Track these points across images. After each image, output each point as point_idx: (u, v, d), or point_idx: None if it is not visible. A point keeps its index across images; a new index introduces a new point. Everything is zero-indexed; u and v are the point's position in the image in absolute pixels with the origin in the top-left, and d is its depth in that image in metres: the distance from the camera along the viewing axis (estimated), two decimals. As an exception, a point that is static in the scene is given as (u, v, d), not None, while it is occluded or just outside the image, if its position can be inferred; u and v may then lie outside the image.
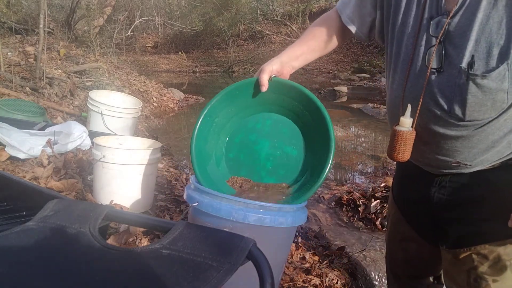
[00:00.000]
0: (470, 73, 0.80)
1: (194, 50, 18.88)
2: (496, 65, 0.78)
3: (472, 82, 0.80)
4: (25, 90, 4.21)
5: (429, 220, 1.08)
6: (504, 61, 0.77)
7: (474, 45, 0.80)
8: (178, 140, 5.15)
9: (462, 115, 0.84)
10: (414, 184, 1.11)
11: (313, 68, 15.05)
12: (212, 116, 1.15)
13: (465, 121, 0.85)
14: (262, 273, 0.59)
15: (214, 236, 0.66)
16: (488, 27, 0.78)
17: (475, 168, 0.94)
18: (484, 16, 0.79)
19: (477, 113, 0.83)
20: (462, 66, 0.81)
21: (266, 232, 1.14)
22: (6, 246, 0.64)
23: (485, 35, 0.79)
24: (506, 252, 0.92)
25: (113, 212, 0.77)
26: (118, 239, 1.68)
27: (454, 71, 0.83)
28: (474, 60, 0.79)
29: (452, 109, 0.85)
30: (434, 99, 0.88)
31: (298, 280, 1.68)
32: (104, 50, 7.91)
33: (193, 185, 1.22)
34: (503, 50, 0.77)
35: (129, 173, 2.04)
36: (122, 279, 0.59)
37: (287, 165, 1.11)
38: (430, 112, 0.89)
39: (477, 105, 0.82)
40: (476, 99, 0.81)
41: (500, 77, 0.78)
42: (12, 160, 2.40)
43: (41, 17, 4.49)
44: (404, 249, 1.25)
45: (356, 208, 2.76)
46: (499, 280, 0.94)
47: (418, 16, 0.90)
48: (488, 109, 0.82)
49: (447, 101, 0.85)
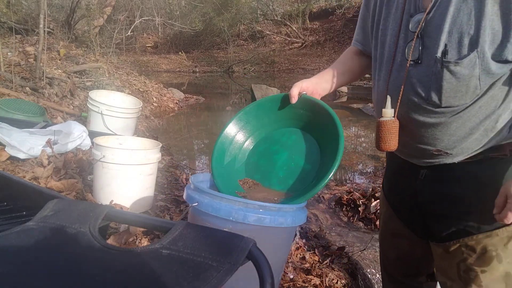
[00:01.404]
0: (444, 60, 0.87)
1: (194, 50, 18.88)
2: (467, 53, 0.85)
3: (446, 69, 0.87)
4: (25, 90, 4.21)
5: (418, 213, 1.11)
6: (474, 49, 0.84)
7: (447, 36, 0.87)
8: (178, 140, 5.16)
9: (438, 101, 0.91)
10: (402, 179, 1.15)
11: (313, 68, 15.06)
12: (243, 120, 1.23)
13: (442, 107, 0.91)
14: (262, 273, 0.59)
15: (214, 236, 0.66)
16: (459, 19, 0.85)
17: (456, 158, 0.98)
18: (455, 9, 0.86)
19: (452, 99, 0.89)
20: (437, 55, 0.88)
21: (266, 232, 1.14)
22: (6, 246, 0.64)
23: (456, 26, 0.86)
24: (492, 242, 0.96)
25: (113, 212, 0.77)
26: (118, 239, 1.68)
27: (431, 61, 0.90)
28: (447, 49, 0.87)
29: (429, 96, 0.92)
30: (413, 89, 0.94)
31: (298, 280, 1.68)
32: (104, 50, 7.92)
33: (193, 185, 1.22)
34: (473, 39, 0.84)
35: (129, 173, 2.04)
36: (122, 279, 0.59)
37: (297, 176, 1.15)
38: (410, 101, 0.96)
39: (452, 91, 0.88)
40: (451, 86, 0.88)
41: (472, 64, 0.84)
42: (12, 160, 2.40)
43: (41, 17, 4.49)
44: (396, 246, 1.27)
45: (356, 208, 2.76)
46: (487, 271, 0.98)
47: (398, 17, 0.99)
48: (463, 95, 0.88)
49: (424, 89, 0.92)
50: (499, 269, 0.97)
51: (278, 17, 18.76)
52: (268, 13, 19.47)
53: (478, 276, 0.99)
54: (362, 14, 1.16)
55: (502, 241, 0.96)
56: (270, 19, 19.33)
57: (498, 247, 0.96)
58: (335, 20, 17.36)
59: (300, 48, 17.49)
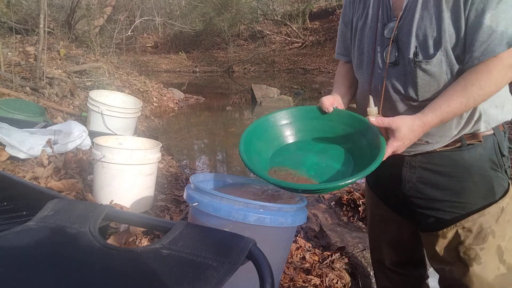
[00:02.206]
0: (416, 60, 0.99)
1: (194, 50, 18.88)
2: (433, 52, 0.98)
3: (419, 68, 1.00)
4: (25, 90, 4.21)
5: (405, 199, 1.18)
6: (439, 49, 0.97)
7: (415, 39, 1.00)
8: (178, 140, 5.16)
9: (415, 96, 1.03)
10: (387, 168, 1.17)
11: (313, 68, 15.06)
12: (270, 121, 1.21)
13: (419, 101, 1.04)
14: (262, 273, 0.59)
15: (214, 236, 0.66)
16: (423, 24, 0.99)
17: (436, 145, 1.08)
18: (420, 16, 0.99)
19: (427, 93, 1.02)
20: (410, 56, 1.01)
21: (266, 232, 1.14)
22: (6, 246, 0.64)
23: (421, 30, 0.99)
24: (486, 220, 1.05)
25: (113, 212, 0.77)
26: (118, 239, 1.68)
27: (405, 61, 1.03)
28: (418, 51, 1.00)
29: (407, 92, 1.04)
30: (393, 87, 1.07)
31: (298, 280, 1.68)
32: (104, 50, 7.92)
33: (193, 185, 1.22)
34: (436, 41, 0.97)
35: (129, 173, 2.04)
36: (122, 279, 0.59)
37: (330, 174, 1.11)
38: (391, 98, 1.08)
39: (426, 86, 1.01)
40: (424, 82, 1.01)
41: (439, 62, 0.97)
42: (12, 160, 2.40)
43: (41, 17, 4.49)
44: (385, 231, 1.33)
45: (356, 208, 2.76)
46: (485, 247, 1.05)
47: (374, 26, 1.12)
48: (435, 89, 1.01)
49: (403, 86, 1.05)
50: (494, 244, 1.05)
51: (278, 17, 18.76)
52: (268, 13, 19.46)
53: (478, 254, 1.06)
54: (341, 31, 1.28)
55: (494, 217, 1.05)
56: (270, 19, 19.33)
57: (491, 223, 1.05)
58: (335, 20, 17.34)
59: (300, 48, 17.49)
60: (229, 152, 4.81)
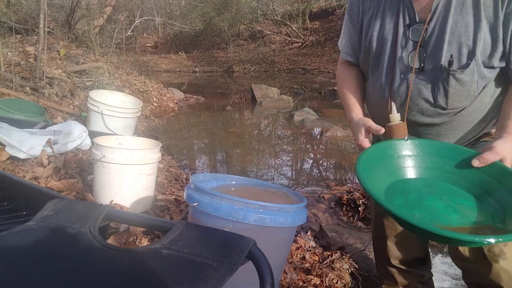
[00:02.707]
0: (450, 69, 0.97)
1: (194, 50, 18.87)
2: (467, 62, 0.96)
3: (452, 77, 0.98)
4: (25, 90, 4.21)
5: None
6: (472, 58, 0.95)
7: (448, 46, 0.97)
8: (178, 140, 5.16)
9: (445, 104, 1.02)
10: None
11: (313, 68, 15.05)
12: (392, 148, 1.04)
13: (447, 109, 1.03)
14: (262, 273, 0.59)
15: (214, 236, 0.66)
16: (457, 31, 0.96)
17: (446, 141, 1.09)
18: (453, 21, 0.96)
19: (456, 102, 1.01)
20: (442, 63, 0.98)
21: (266, 232, 1.14)
22: (6, 246, 0.64)
23: (455, 37, 0.96)
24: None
25: (113, 212, 0.77)
26: (118, 239, 1.68)
27: (435, 68, 1.00)
28: (453, 59, 0.97)
29: (436, 100, 1.02)
30: (420, 94, 1.04)
31: (298, 280, 1.68)
32: (104, 50, 7.92)
33: (193, 185, 1.22)
34: (470, 49, 0.95)
35: (129, 173, 2.04)
36: (122, 279, 0.59)
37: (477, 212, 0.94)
38: (417, 106, 1.05)
39: (456, 95, 1.00)
40: (456, 91, 0.99)
41: (472, 71, 0.97)
42: (12, 160, 2.39)
43: (41, 17, 4.49)
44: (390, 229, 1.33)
45: (356, 208, 2.75)
46: (509, 244, 1.09)
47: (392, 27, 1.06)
48: (465, 98, 1.01)
49: (431, 94, 1.02)
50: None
51: (278, 17, 18.75)
52: (268, 13, 19.45)
53: (503, 251, 1.09)
54: (348, 29, 1.22)
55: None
56: (270, 19, 19.32)
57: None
58: (335, 20, 17.34)
59: (300, 48, 17.48)
60: (229, 152, 4.81)
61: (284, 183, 3.66)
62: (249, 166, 4.20)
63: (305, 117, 6.18)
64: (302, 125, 5.98)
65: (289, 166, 4.38)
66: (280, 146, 5.15)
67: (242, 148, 4.93)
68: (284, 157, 4.66)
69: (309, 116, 6.22)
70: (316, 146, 5.06)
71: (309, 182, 3.65)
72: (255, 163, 4.38)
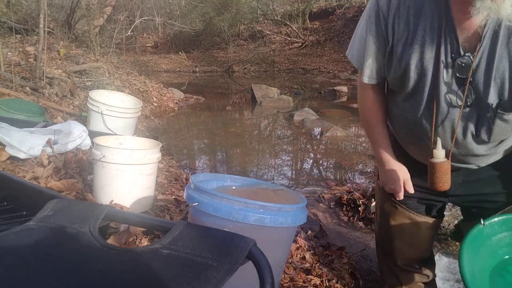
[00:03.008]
0: (498, 112, 0.95)
1: (194, 50, 18.87)
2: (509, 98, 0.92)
3: (499, 118, 0.96)
4: (25, 90, 4.21)
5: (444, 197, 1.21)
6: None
7: (494, 82, 0.92)
8: (178, 140, 5.16)
9: (487, 139, 1.02)
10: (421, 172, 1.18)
11: (313, 68, 15.05)
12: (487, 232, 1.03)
13: (489, 143, 1.04)
14: (262, 273, 0.59)
15: (214, 236, 0.66)
16: (502, 66, 0.90)
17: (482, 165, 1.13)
18: (499, 56, 0.90)
19: (499, 136, 1.02)
20: (490, 103, 0.95)
21: (266, 232, 1.14)
22: (6, 246, 0.64)
23: (499, 73, 0.91)
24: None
25: (113, 212, 0.77)
26: (118, 239, 1.68)
27: (482, 106, 0.97)
28: (503, 102, 0.93)
29: (479, 135, 1.02)
30: (465, 129, 1.02)
31: (298, 280, 1.68)
32: (104, 50, 7.91)
33: (193, 185, 1.22)
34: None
35: (129, 173, 2.04)
36: (122, 279, 0.59)
37: None
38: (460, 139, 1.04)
39: (500, 132, 1.00)
40: (500, 129, 0.99)
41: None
42: (12, 160, 2.39)
43: (41, 17, 4.49)
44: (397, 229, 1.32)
45: (356, 208, 2.75)
46: None
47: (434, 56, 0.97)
48: (507, 133, 1.02)
49: (475, 129, 1.01)
50: None
51: (278, 17, 18.74)
52: (268, 13, 19.45)
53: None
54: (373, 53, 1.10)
55: None
56: (270, 19, 19.31)
57: None
58: (335, 20, 17.34)
59: (300, 48, 17.48)
60: (229, 152, 4.81)
61: (284, 183, 3.66)
62: (249, 166, 4.20)
63: (305, 117, 6.18)
64: (302, 125, 5.98)
65: (289, 166, 4.38)
66: (280, 146, 5.15)
67: (242, 148, 4.93)
68: (284, 157, 4.66)
69: (309, 116, 6.22)
70: (316, 146, 5.06)
71: (309, 182, 3.65)
72: (255, 163, 4.38)
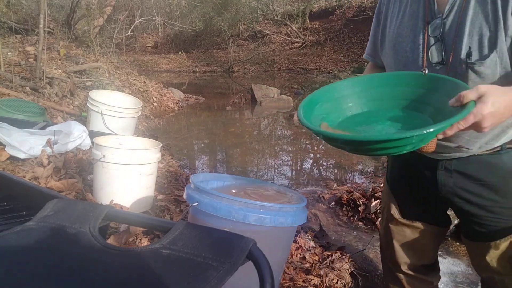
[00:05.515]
0: (469, 62, 0.92)
1: (194, 50, 18.88)
2: (488, 53, 0.91)
3: (471, 70, 0.93)
4: (25, 90, 4.21)
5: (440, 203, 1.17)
6: (494, 50, 0.90)
7: (468, 38, 0.93)
8: (178, 140, 5.16)
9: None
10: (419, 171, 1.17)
11: (313, 68, 15.05)
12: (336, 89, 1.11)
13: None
14: (262, 273, 0.59)
15: (214, 236, 0.66)
16: (478, 22, 0.91)
17: (474, 152, 1.03)
18: (474, 13, 0.92)
19: None
20: (461, 57, 0.93)
21: (266, 232, 1.14)
22: (6, 246, 0.64)
23: (476, 29, 0.92)
24: None
25: (113, 212, 0.77)
26: (118, 239, 1.68)
27: (455, 62, 0.95)
28: (471, 51, 0.92)
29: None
30: None
31: (298, 280, 1.68)
32: (104, 50, 7.91)
33: (193, 185, 1.22)
34: (491, 41, 0.90)
35: (129, 173, 2.04)
36: (122, 279, 0.59)
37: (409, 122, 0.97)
38: None
39: None
40: (475, 84, 0.89)
41: (493, 64, 0.91)
42: (12, 160, 2.40)
43: (41, 17, 4.49)
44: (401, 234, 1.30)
45: (356, 208, 2.75)
46: None
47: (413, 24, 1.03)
48: None
49: None
50: None
51: (278, 17, 18.75)
52: (268, 13, 19.45)
53: None
54: (374, 29, 1.19)
55: None
56: (270, 19, 19.31)
57: None
58: (335, 20, 17.34)
59: (300, 48, 17.48)
60: (229, 152, 4.81)
61: (284, 183, 3.66)
62: (249, 166, 4.20)
63: (305, 117, 6.17)
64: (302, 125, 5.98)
65: (289, 166, 4.38)
66: (280, 146, 5.15)
67: (242, 148, 4.93)
68: (284, 157, 4.66)
69: (309, 116, 6.22)
70: (316, 146, 5.06)
71: (309, 182, 3.65)
72: (255, 163, 4.38)
